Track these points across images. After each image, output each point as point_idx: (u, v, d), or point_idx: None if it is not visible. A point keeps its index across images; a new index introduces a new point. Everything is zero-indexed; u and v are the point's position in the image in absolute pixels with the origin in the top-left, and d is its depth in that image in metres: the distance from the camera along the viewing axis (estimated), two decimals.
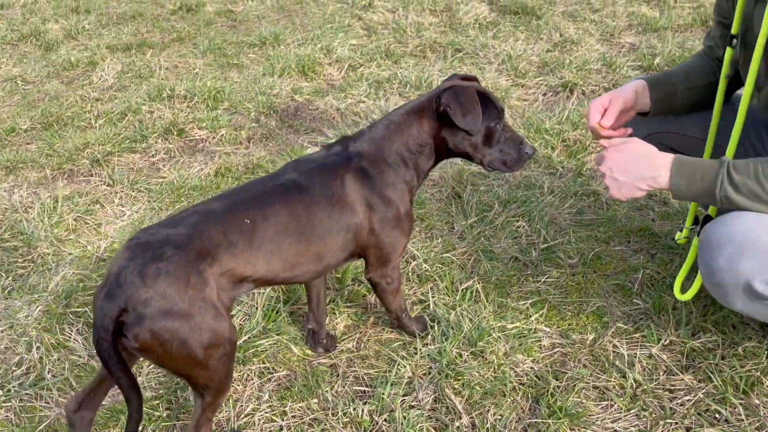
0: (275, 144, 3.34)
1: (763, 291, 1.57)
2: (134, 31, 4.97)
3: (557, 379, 1.93)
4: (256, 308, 2.18)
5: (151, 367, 2.02)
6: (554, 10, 4.81)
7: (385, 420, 1.82)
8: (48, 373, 2.03)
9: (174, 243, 1.52)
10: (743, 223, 1.58)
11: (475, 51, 4.18)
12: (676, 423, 1.79)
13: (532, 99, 3.63)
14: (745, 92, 1.73)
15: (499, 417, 1.83)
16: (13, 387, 1.98)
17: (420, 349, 2.03)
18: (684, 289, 1.94)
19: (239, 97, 3.75)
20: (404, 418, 1.81)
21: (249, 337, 2.08)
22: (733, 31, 1.83)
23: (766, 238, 1.55)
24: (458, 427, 1.80)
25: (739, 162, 1.62)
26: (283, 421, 1.85)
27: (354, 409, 1.85)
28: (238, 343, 1.99)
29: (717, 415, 1.81)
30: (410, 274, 2.35)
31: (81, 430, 1.68)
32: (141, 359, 1.79)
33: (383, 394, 1.87)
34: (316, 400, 1.90)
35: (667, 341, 2.03)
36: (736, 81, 1.94)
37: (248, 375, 1.99)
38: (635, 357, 1.99)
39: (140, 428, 1.60)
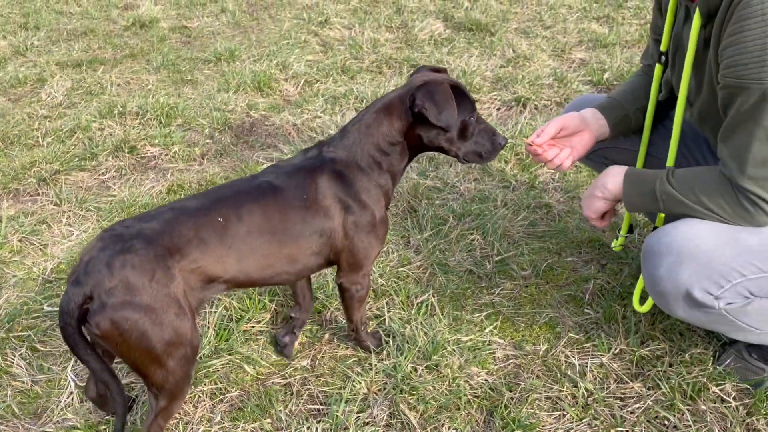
0: (230, 160, 3.30)
1: (702, 299, 1.61)
2: (85, 48, 4.87)
3: (511, 391, 1.94)
4: (208, 327, 2.14)
5: None
6: (507, 27, 4.91)
7: None
8: None
9: (144, 237, 1.55)
10: (682, 233, 1.63)
11: None
12: (627, 431, 1.82)
13: (486, 114, 3.68)
14: (678, 108, 1.79)
15: (454, 431, 1.83)
16: None
17: (375, 365, 2.02)
18: (642, 301, 1.98)
19: (193, 113, 3.71)
20: None
21: (200, 358, 2.04)
22: (662, 48, 1.89)
23: (704, 248, 1.59)
24: None
25: (680, 169, 1.71)
26: None
27: (308, 428, 1.82)
28: None
29: (666, 422, 1.84)
30: None
31: (106, 406, 1.81)
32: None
33: (337, 411, 1.85)
34: (269, 420, 1.87)
35: (617, 350, 2.07)
36: (675, 96, 2.00)
37: (199, 396, 1.94)
38: (587, 366, 2.01)
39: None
